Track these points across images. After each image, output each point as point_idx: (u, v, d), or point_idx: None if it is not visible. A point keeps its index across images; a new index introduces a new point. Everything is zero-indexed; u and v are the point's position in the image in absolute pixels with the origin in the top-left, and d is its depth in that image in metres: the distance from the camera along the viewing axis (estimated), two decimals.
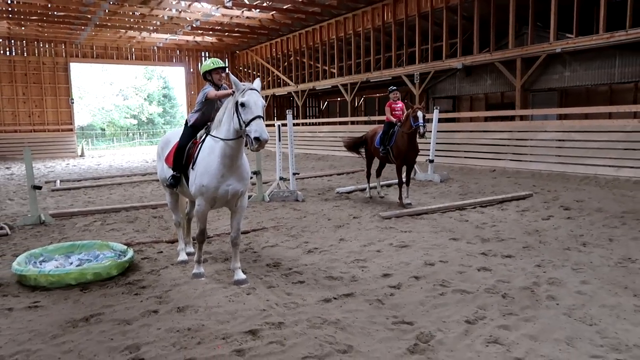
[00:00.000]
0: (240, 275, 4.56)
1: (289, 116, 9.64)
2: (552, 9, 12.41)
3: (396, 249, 5.71)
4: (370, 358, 3.08)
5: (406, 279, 4.60)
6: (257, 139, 3.92)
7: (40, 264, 4.94)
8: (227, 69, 5.06)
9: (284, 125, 10.09)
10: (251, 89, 4.14)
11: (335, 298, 4.11)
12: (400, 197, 8.53)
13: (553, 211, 7.68)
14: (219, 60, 5.02)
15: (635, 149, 10.58)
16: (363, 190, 10.06)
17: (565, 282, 4.42)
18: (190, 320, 3.69)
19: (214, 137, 4.42)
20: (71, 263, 5.03)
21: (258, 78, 4.67)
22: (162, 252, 5.78)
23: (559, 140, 12.16)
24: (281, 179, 9.79)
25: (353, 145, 9.74)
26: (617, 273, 4.66)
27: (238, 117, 4.12)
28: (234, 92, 4.25)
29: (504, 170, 13.02)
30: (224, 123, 4.34)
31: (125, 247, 5.42)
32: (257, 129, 3.95)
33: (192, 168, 4.57)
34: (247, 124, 4.00)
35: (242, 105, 4.07)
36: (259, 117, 4.01)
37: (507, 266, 4.95)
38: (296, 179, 9.82)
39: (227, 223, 6.96)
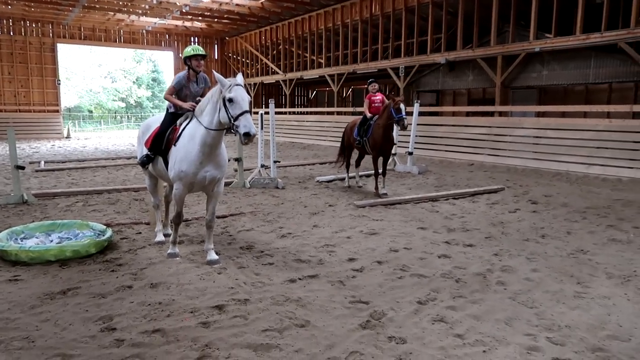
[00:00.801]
0: (212, 255, 4.80)
1: (272, 105, 9.85)
2: (533, 9, 12.74)
3: (365, 236, 5.99)
4: (325, 332, 3.36)
5: (369, 263, 4.89)
6: (246, 134, 4.13)
7: (22, 241, 5.14)
8: (205, 56, 5.29)
9: (267, 113, 10.30)
10: (237, 85, 4.31)
11: (300, 279, 4.39)
12: (377, 187, 8.80)
13: (521, 205, 8.02)
14: (199, 47, 5.21)
15: (605, 148, 11.00)
16: (342, 179, 10.34)
17: (517, 269, 4.74)
18: (162, 295, 3.95)
19: (199, 121, 4.60)
20: (51, 241, 5.24)
21: (240, 73, 4.81)
22: (140, 232, 6.01)
23: (535, 137, 12.54)
24: (262, 166, 10.02)
25: (340, 151, 9.97)
26: (567, 263, 4.99)
27: (226, 112, 4.29)
28: (193, 109, 4.75)
29: (482, 164, 13.38)
30: (207, 114, 4.52)
31: (105, 227, 5.64)
32: (246, 124, 4.15)
33: (171, 153, 4.76)
34: (236, 119, 4.21)
35: (230, 100, 4.25)
36: (246, 112, 4.22)
37: (466, 254, 5.27)
38: (277, 166, 10.07)
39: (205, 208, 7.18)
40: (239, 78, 4.44)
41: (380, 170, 8.78)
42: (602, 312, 3.76)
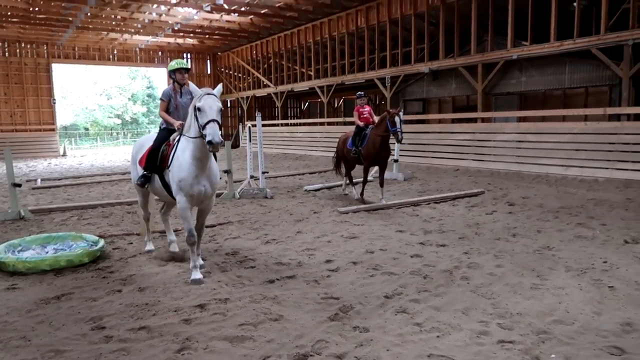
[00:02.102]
0: (199, 260, 4.93)
1: (258, 117, 10.23)
2: (510, 18, 13.23)
3: (345, 240, 6.33)
4: (296, 324, 3.69)
5: (345, 264, 5.22)
6: (209, 142, 4.25)
7: (19, 253, 5.47)
8: (189, 70, 5.52)
9: (254, 126, 10.67)
10: (208, 94, 4.45)
11: (278, 279, 4.72)
12: (362, 193, 9.11)
13: (498, 207, 8.36)
14: (183, 61, 5.46)
15: (581, 150, 11.40)
16: (329, 188, 10.68)
17: (482, 266, 5.08)
18: (149, 297, 4.28)
19: (187, 136, 4.75)
20: (47, 252, 5.57)
21: (220, 84, 5.03)
22: (132, 243, 6.34)
23: (516, 141, 12.95)
24: (251, 177, 10.37)
25: (336, 165, 10.19)
26: (531, 259, 5.32)
27: (197, 121, 4.48)
28: (181, 125, 4.89)
29: (467, 169, 13.76)
30: (192, 126, 4.67)
31: (98, 238, 5.97)
32: (211, 132, 4.25)
33: (168, 168, 4.88)
34: (203, 127, 4.34)
35: (199, 109, 4.40)
36: (213, 120, 4.30)
37: (438, 253, 5.60)
38: (265, 177, 10.42)
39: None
40: (217, 88, 4.62)
41: (373, 180, 8.95)
42: (554, 300, 4.08)
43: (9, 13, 20.29)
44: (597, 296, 4.14)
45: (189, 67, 5.53)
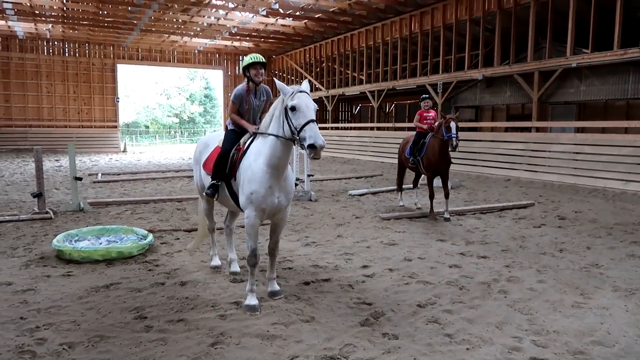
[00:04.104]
0: (274, 286, 4.43)
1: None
2: (570, 25, 12.71)
3: (384, 246, 6.33)
4: (326, 326, 3.76)
5: (381, 270, 5.24)
6: (311, 146, 3.57)
7: (75, 242, 5.87)
8: (266, 65, 4.68)
9: None
10: (300, 91, 3.81)
11: (313, 282, 4.81)
12: (431, 210, 8.22)
13: (548, 220, 8.07)
14: (259, 55, 4.60)
15: None
16: (374, 193, 10.67)
17: (523, 280, 4.95)
18: (189, 291, 4.49)
19: (264, 138, 4.10)
20: (100, 243, 5.94)
21: (306, 80, 4.38)
22: (178, 238, 6.63)
23: (573, 152, 12.41)
24: (297, 179, 10.53)
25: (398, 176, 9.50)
26: (577, 276, 5.13)
27: (289, 123, 3.79)
28: (257, 129, 4.22)
29: (518, 180, 13.34)
30: (271, 130, 4.01)
31: (147, 232, 6.30)
32: (312, 134, 3.60)
33: (235, 178, 4.30)
34: (300, 130, 3.68)
35: (293, 109, 3.75)
36: (312, 121, 3.68)
37: (477, 265, 5.51)
38: (312, 180, 10.55)
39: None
40: (304, 85, 3.92)
41: (436, 191, 8.20)
42: (596, 321, 3.93)
43: (80, 16, 21.66)
44: None
45: (265, 61, 4.67)
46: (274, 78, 4.90)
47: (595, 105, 15.31)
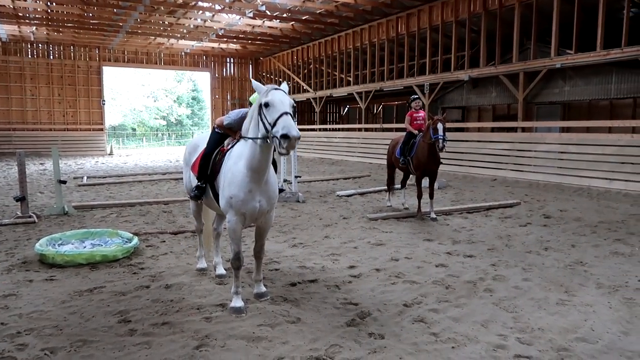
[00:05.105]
0: (261, 288, 4.40)
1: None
2: (554, 26, 12.87)
3: (371, 246, 6.34)
4: (312, 327, 3.75)
5: (368, 270, 5.24)
6: (284, 136, 3.36)
7: (58, 246, 5.79)
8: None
9: None
10: (275, 89, 3.68)
11: (299, 283, 4.80)
12: (419, 209, 8.32)
13: (533, 219, 8.14)
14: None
15: (627, 163, 10.93)
16: (362, 194, 10.68)
17: (508, 278, 4.98)
18: (174, 294, 4.45)
19: (245, 137, 4.00)
20: (85, 247, 5.86)
21: (285, 82, 4.19)
22: (164, 241, 6.57)
23: (558, 152, 12.55)
24: (285, 181, 10.52)
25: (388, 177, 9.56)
26: (561, 273, 5.17)
27: (263, 120, 3.64)
28: (240, 136, 4.10)
29: (505, 179, 13.45)
30: (251, 131, 3.89)
31: (132, 235, 6.23)
32: (285, 124, 3.40)
33: (219, 179, 4.22)
34: (274, 124, 3.49)
35: (267, 105, 3.59)
36: (285, 113, 3.48)
37: (464, 264, 5.53)
38: (298, 181, 10.54)
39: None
40: (282, 85, 3.82)
41: (425, 191, 8.32)
42: (580, 317, 3.97)
43: (65, 19, 21.42)
44: (627, 315, 4.00)
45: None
46: (250, 78, 4.91)
47: (579, 105, 15.52)
